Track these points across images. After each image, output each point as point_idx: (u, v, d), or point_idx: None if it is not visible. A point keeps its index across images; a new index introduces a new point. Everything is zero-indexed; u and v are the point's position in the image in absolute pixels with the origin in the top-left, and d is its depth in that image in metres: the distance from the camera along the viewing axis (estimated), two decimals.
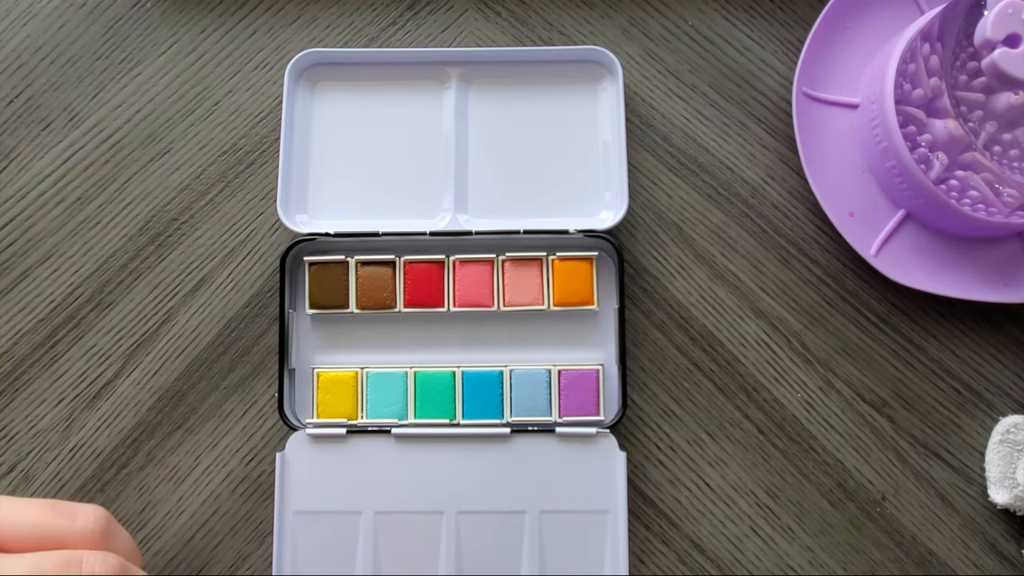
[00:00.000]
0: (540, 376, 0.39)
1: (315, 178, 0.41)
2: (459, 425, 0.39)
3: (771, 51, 0.43)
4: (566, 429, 0.38)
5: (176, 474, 0.39)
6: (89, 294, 0.41)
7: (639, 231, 0.41)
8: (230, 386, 0.40)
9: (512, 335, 0.40)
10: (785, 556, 0.38)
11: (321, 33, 0.43)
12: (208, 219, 0.42)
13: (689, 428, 0.40)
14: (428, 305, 0.40)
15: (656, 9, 0.43)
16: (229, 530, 0.39)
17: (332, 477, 0.38)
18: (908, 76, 0.37)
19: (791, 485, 0.39)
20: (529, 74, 0.42)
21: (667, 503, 0.39)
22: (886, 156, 0.38)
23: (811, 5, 0.43)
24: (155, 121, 0.42)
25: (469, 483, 0.38)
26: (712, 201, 0.41)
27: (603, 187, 0.41)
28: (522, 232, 0.39)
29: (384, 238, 0.40)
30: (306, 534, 0.38)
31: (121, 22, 0.43)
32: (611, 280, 0.40)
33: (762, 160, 0.42)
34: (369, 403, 0.39)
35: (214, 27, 0.43)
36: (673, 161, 0.42)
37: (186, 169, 0.42)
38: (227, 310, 0.41)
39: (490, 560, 0.38)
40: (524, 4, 0.43)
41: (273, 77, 0.43)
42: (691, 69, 0.43)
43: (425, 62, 0.42)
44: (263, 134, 0.42)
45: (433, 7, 0.43)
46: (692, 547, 0.39)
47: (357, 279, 0.40)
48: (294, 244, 0.39)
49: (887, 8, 0.41)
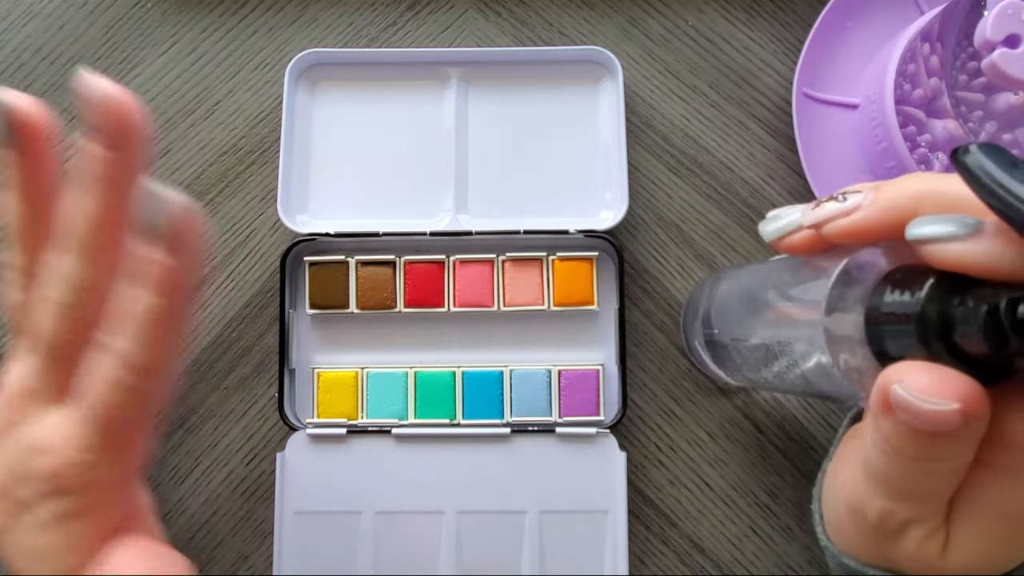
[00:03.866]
0: (540, 376, 0.39)
1: (315, 178, 0.41)
2: (459, 425, 0.39)
3: (771, 51, 0.43)
4: (566, 429, 0.38)
5: (176, 474, 0.40)
6: None
7: (639, 231, 0.41)
8: (230, 386, 0.40)
9: (512, 335, 0.40)
10: (785, 556, 0.38)
11: (321, 33, 0.43)
12: (208, 219, 0.42)
13: (689, 428, 0.40)
14: (428, 305, 0.40)
15: (656, 9, 0.43)
16: (229, 530, 0.39)
17: (332, 477, 0.38)
18: (908, 76, 0.37)
19: (791, 485, 0.39)
20: (529, 74, 0.42)
21: (667, 503, 0.39)
22: (886, 156, 0.38)
23: (811, 5, 0.43)
24: (155, 121, 0.42)
25: (469, 483, 0.38)
26: (712, 201, 0.41)
27: (603, 187, 0.41)
28: (522, 232, 0.39)
29: (384, 238, 0.40)
30: (306, 534, 0.38)
31: (121, 22, 0.43)
32: (611, 280, 0.40)
33: (762, 160, 0.42)
34: (369, 403, 0.39)
35: (214, 27, 0.43)
36: (673, 161, 0.42)
37: (186, 169, 0.42)
38: (227, 310, 0.41)
39: (490, 560, 0.38)
40: (524, 4, 0.43)
41: (273, 77, 0.43)
42: (691, 69, 0.43)
43: (425, 62, 0.42)
44: (263, 134, 0.42)
45: (433, 7, 0.43)
46: (692, 547, 0.39)
47: (357, 279, 0.40)
48: (294, 244, 0.39)
49: (887, 8, 0.41)
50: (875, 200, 0.22)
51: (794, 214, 0.24)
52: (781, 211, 0.25)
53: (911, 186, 0.21)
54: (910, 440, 0.20)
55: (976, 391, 0.19)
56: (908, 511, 0.22)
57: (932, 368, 0.19)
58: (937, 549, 0.22)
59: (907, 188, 0.21)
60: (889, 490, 0.22)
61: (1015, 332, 0.18)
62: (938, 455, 0.20)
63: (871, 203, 0.22)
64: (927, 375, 0.19)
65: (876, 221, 0.22)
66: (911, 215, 0.20)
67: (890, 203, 0.21)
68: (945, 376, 0.19)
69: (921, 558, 0.23)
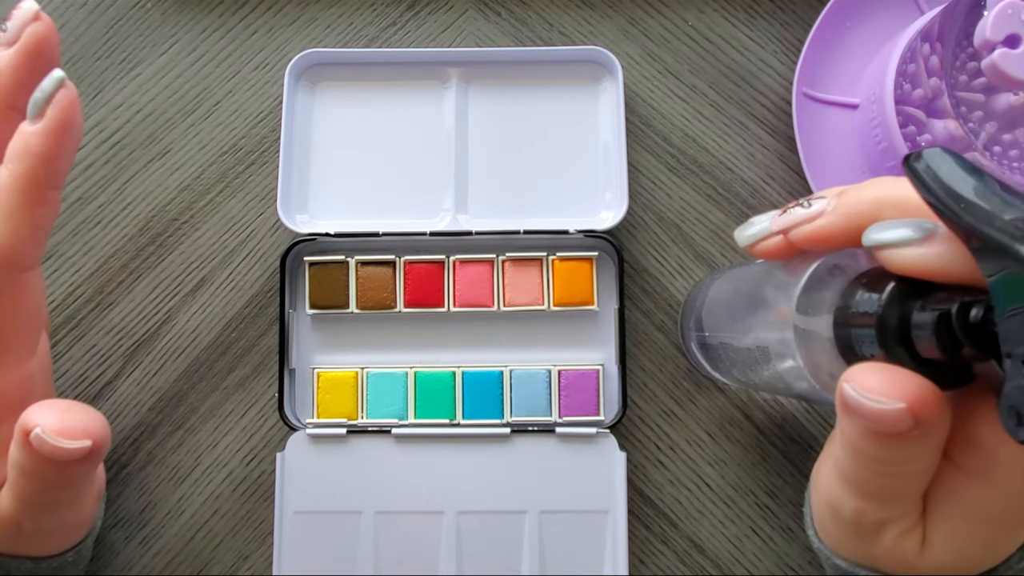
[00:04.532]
0: (540, 376, 0.39)
1: (315, 178, 0.41)
2: (459, 425, 0.39)
3: (771, 51, 0.43)
4: (566, 429, 0.38)
5: (176, 474, 0.40)
6: (89, 294, 0.41)
7: (639, 231, 0.41)
8: (230, 386, 0.40)
9: (512, 335, 0.40)
10: (785, 556, 0.38)
11: (321, 33, 0.43)
12: (208, 219, 0.42)
13: (689, 428, 0.40)
14: (428, 305, 0.40)
15: (656, 9, 0.43)
16: (229, 530, 0.39)
17: (332, 477, 0.38)
18: (908, 76, 0.37)
19: (791, 485, 0.39)
20: (529, 74, 0.42)
21: (667, 503, 0.39)
22: (886, 156, 0.38)
23: (811, 5, 0.43)
24: (155, 121, 0.42)
25: (469, 483, 0.38)
26: (712, 201, 0.41)
27: (603, 187, 0.41)
28: (522, 232, 0.39)
29: (384, 238, 0.40)
30: (306, 534, 0.38)
31: (121, 22, 0.43)
32: (611, 280, 0.40)
33: (762, 160, 0.42)
34: (369, 403, 0.39)
35: (214, 27, 0.43)
36: (673, 161, 0.42)
37: (186, 169, 0.42)
38: (227, 310, 0.41)
39: (490, 560, 0.38)
40: (524, 4, 0.43)
41: (273, 77, 0.43)
42: (691, 69, 0.43)
43: (425, 62, 0.42)
44: (263, 134, 0.42)
45: (433, 7, 0.43)
46: (692, 547, 0.39)
47: (357, 279, 0.40)
48: (294, 244, 0.39)
49: (887, 8, 0.41)
50: (838, 206, 0.22)
51: (766, 221, 0.24)
52: (756, 218, 0.25)
53: (872, 192, 0.21)
54: (870, 442, 0.20)
55: (926, 392, 0.19)
56: (879, 511, 0.22)
57: (884, 369, 0.19)
58: (914, 547, 0.23)
59: (868, 194, 0.21)
60: (859, 491, 0.22)
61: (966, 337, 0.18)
62: (898, 458, 0.20)
63: (834, 209, 0.22)
64: (877, 376, 0.19)
65: (838, 227, 0.22)
66: (872, 220, 0.21)
67: (852, 209, 0.22)
68: (895, 377, 0.19)
69: (899, 556, 0.23)
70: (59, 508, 0.29)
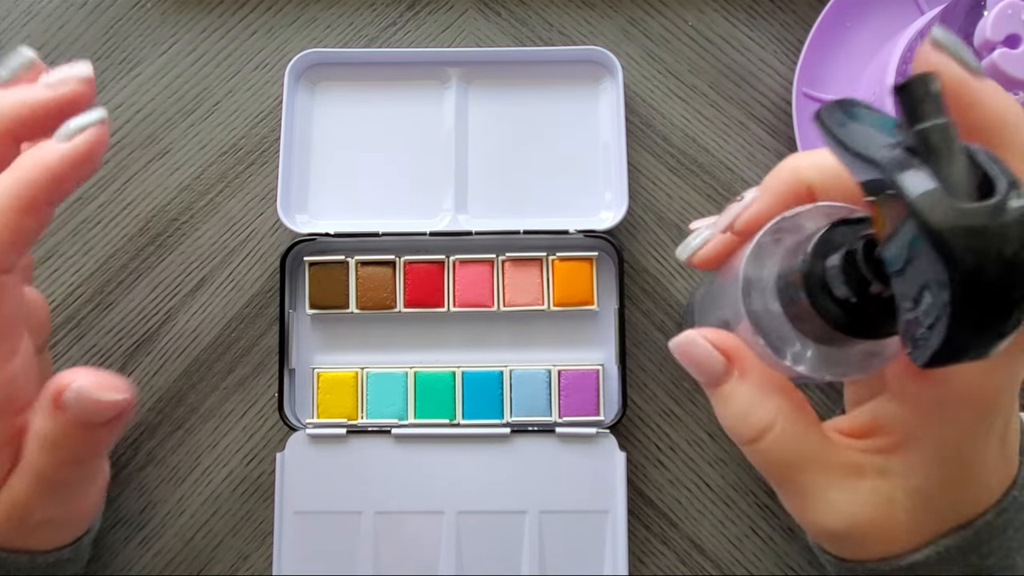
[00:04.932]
0: (540, 376, 0.39)
1: (315, 178, 0.41)
2: (459, 425, 0.39)
3: (771, 51, 0.43)
4: (566, 429, 0.38)
5: (176, 474, 0.40)
6: (89, 294, 0.41)
7: (639, 231, 0.41)
8: (230, 386, 0.40)
9: (512, 335, 0.40)
10: (785, 556, 0.38)
11: (321, 33, 0.43)
12: (208, 219, 0.42)
13: (689, 428, 0.40)
14: (428, 305, 0.40)
15: (656, 9, 0.43)
16: (229, 530, 0.39)
17: (332, 477, 0.38)
18: None
19: None
20: (529, 74, 0.42)
21: (667, 503, 0.39)
22: None
23: (811, 5, 0.43)
24: (155, 121, 0.42)
25: (469, 483, 0.38)
26: (712, 201, 0.41)
27: (603, 187, 0.41)
28: (522, 232, 0.39)
29: (384, 238, 0.40)
30: (306, 534, 0.38)
31: (121, 22, 0.43)
32: (611, 280, 0.40)
33: (762, 160, 0.42)
34: (369, 403, 0.39)
35: (214, 27, 0.43)
36: (673, 161, 0.42)
37: (186, 169, 0.42)
38: (227, 310, 0.41)
39: (490, 560, 0.38)
40: (524, 4, 0.43)
41: (273, 77, 0.43)
42: (691, 69, 0.43)
43: (425, 62, 0.42)
44: (263, 134, 0.42)
45: (433, 7, 0.43)
46: (692, 547, 0.39)
47: (357, 279, 0.40)
48: (294, 244, 0.39)
49: (887, 8, 0.41)
50: (765, 186, 0.25)
51: (706, 230, 0.27)
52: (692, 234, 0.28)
53: (788, 163, 0.25)
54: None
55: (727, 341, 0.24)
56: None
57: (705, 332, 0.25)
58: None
59: (786, 165, 0.25)
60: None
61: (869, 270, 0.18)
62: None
63: (763, 190, 0.25)
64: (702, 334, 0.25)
65: (769, 204, 0.25)
66: (796, 186, 0.24)
67: (775, 183, 0.25)
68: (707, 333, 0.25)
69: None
70: (70, 492, 0.29)
